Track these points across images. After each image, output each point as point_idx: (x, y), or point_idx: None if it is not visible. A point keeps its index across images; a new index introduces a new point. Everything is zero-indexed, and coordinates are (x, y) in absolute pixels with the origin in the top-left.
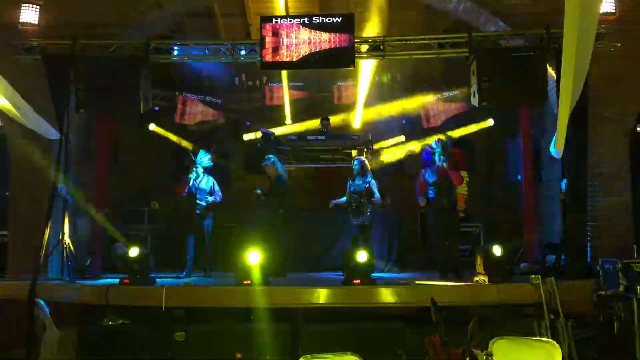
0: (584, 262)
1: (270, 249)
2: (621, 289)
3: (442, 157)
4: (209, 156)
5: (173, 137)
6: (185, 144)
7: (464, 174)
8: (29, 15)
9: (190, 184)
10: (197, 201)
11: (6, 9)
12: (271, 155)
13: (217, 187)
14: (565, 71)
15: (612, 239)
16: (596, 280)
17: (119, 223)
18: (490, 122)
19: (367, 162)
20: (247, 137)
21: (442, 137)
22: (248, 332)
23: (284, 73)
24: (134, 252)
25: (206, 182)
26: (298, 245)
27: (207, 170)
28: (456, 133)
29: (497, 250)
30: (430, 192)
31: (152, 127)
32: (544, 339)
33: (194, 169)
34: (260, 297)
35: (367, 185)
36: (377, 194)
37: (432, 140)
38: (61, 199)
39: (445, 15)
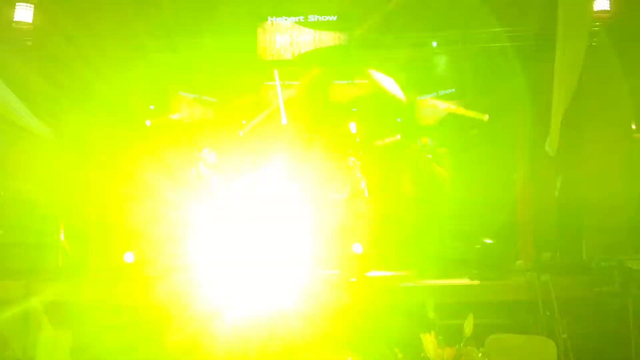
0: (578, 259)
1: None
2: (616, 286)
3: (428, 155)
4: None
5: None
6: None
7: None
8: (24, 13)
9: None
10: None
11: (0, 8)
12: None
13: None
14: (559, 69)
15: (607, 236)
16: (591, 278)
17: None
18: (485, 117)
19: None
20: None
21: (428, 137)
22: None
23: (280, 71)
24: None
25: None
26: None
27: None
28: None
29: (490, 243)
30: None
31: (148, 122)
32: (540, 336)
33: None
34: None
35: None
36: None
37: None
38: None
39: (439, 13)
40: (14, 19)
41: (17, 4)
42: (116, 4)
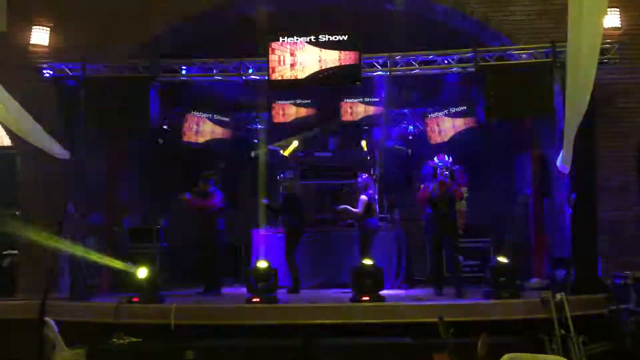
0: (594, 276)
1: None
2: (632, 303)
3: (444, 171)
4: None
5: None
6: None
7: (463, 189)
8: (40, 36)
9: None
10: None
11: (17, 31)
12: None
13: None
14: (570, 85)
15: (623, 252)
16: (607, 295)
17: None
18: None
19: None
20: (254, 154)
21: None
22: (258, 348)
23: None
24: (142, 270)
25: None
26: (306, 262)
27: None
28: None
29: (503, 261)
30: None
31: (161, 140)
32: (556, 355)
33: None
34: (269, 314)
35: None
36: None
37: (435, 157)
38: (71, 218)
39: (450, 31)
40: (30, 42)
41: (33, 27)
42: None
